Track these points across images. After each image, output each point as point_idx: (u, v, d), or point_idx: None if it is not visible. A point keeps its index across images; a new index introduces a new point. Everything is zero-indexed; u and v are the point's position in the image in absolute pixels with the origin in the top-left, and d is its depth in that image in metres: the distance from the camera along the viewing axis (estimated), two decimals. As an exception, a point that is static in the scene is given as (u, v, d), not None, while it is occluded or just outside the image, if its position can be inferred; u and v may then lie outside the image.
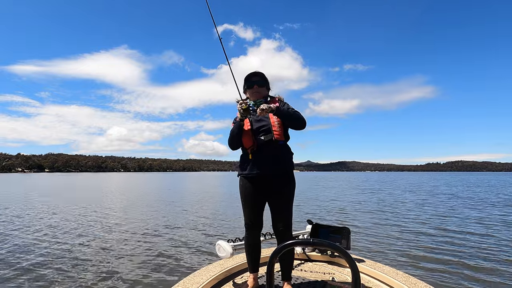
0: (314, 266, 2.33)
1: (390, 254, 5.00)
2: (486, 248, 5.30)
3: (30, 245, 5.60)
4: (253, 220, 1.90)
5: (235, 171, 6.80)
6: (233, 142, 1.90)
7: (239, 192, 1.96)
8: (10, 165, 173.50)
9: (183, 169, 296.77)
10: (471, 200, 14.14)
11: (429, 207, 11.13)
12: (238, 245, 2.22)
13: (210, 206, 11.97)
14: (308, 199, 14.45)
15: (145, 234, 6.73)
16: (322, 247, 1.09)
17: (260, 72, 1.99)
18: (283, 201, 1.85)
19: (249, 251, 1.94)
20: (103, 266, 4.41)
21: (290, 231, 1.89)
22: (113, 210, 10.51)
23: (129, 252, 5.27)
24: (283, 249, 1.08)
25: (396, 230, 6.90)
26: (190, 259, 4.86)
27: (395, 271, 2.09)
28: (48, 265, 4.44)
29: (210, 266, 2.19)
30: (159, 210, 10.71)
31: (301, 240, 1.11)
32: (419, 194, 17.31)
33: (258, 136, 1.85)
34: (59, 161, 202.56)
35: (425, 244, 5.61)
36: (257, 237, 1.94)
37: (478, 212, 9.90)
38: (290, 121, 1.84)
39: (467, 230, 6.84)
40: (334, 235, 2.44)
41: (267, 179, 1.85)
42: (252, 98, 1.96)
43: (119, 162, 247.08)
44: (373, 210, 10.55)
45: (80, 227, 7.42)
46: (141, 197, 16.01)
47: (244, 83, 2.01)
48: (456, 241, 5.86)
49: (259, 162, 1.84)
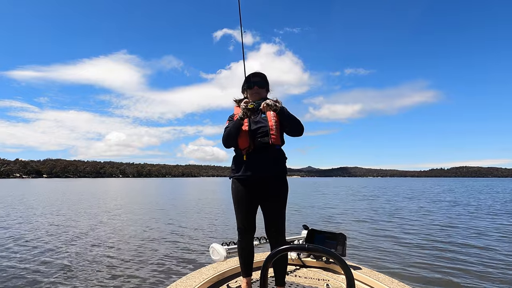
0: (308, 272, 2.33)
1: (386, 262, 4.98)
2: (486, 259, 5.17)
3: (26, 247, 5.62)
4: (245, 224, 1.89)
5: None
6: (228, 140, 1.87)
7: (231, 195, 1.94)
8: (8, 170, 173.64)
9: (182, 174, 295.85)
10: (473, 207, 13.99)
11: (428, 215, 10.99)
12: (232, 248, 2.23)
13: (206, 210, 11.98)
14: (304, 205, 14.40)
15: (137, 237, 6.74)
16: (317, 253, 1.08)
17: (261, 73, 1.96)
18: (278, 205, 1.85)
19: (242, 255, 1.94)
20: (93, 270, 4.42)
21: (283, 236, 1.89)
22: (106, 215, 10.49)
23: (121, 254, 5.28)
24: (277, 254, 1.07)
25: (393, 238, 6.86)
26: (183, 261, 4.87)
27: (390, 279, 2.09)
28: (39, 267, 4.45)
29: (204, 269, 2.19)
30: (154, 214, 10.71)
31: (296, 245, 1.11)
32: (419, 201, 17.13)
33: (255, 138, 1.83)
34: (57, 167, 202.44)
35: (422, 253, 5.55)
36: (250, 241, 1.94)
37: (480, 220, 9.78)
38: (291, 125, 1.83)
39: (466, 240, 6.72)
40: (329, 241, 2.44)
41: (261, 182, 1.84)
42: (251, 98, 1.93)
43: (117, 168, 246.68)
44: (370, 216, 10.50)
45: (71, 232, 7.42)
46: (136, 202, 15.98)
47: (244, 83, 1.98)
48: (455, 250, 5.80)
49: (254, 164, 1.83)
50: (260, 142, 1.83)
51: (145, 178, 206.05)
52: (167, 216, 10.34)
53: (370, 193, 26.20)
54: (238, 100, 2.01)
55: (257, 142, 1.83)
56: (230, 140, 1.87)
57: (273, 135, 1.84)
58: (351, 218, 10.16)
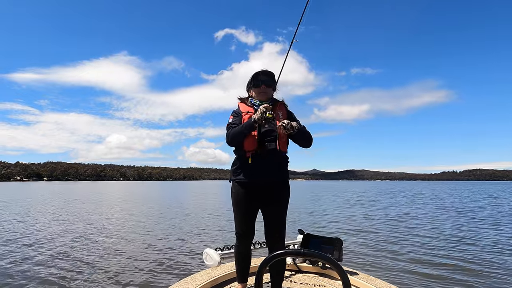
0: (304, 277, 2.33)
1: (383, 267, 4.94)
2: (491, 271, 4.88)
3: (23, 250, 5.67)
4: (245, 229, 1.89)
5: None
6: (234, 139, 1.81)
7: (231, 199, 1.93)
8: (9, 173, 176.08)
9: (183, 177, 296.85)
10: (485, 213, 13.67)
11: (430, 221, 10.68)
12: (226, 253, 2.23)
13: (200, 214, 11.96)
14: (302, 208, 14.32)
15: (129, 242, 6.75)
16: (313, 258, 1.09)
17: (270, 71, 1.92)
18: (281, 210, 1.87)
19: (239, 260, 1.94)
20: (84, 274, 4.43)
21: (283, 241, 1.92)
22: (99, 219, 10.52)
23: (111, 258, 5.30)
24: (272, 259, 1.07)
25: (390, 243, 6.77)
26: (176, 267, 4.86)
27: (388, 285, 2.09)
28: (34, 270, 4.49)
29: (197, 274, 2.19)
30: (147, 218, 10.75)
31: (291, 250, 1.12)
32: (422, 206, 16.77)
33: (263, 142, 1.81)
34: (57, 170, 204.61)
35: (420, 258, 5.46)
36: (248, 247, 1.96)
37: (491, 228, 9.43)
38: (303, 142, 1.87)
39: (469, 250, 6.33)
40: (326, 246, 2.44)
41: (266, 187, 1.84)
42: (258, 98, 1.91)
43: (118, 171, 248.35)
44: (367, 221, 10.39)
45: (64, 235, 7.47)
46: (131, 206, 16.01)
47: (251, 81, 1.94)
48: (457, 256, 5.63)
49: (259, 168, 1.81)
50: (267, 147, 1.82)
51: (145, 181, 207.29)
52: (161, 220, 10.35)
53: (371, 197, 25.90)
54: (242, 98, 2.00)
55: (264, 147, 1.81)
56: (236, 139, 1.81)
57: (281, 142, 1.85)
58: (348, 222, 10.07)
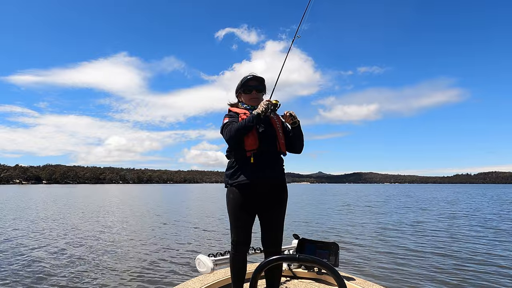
0: (300, 283, 2.34)
1: (380, 272, 4.95)
2: (491, 278, 4.76)
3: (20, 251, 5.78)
4: (243, 237, 1.84)
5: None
6: (237, 136, 1.73)
7: (226, 206, 1.87)
8: (8, 176, 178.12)
9: (184, 180, 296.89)
10: (497, 219, 13.18)
11: (433, 226, 10.35)
12: (219, 260, 2.21)
13: (194, 219, 12.01)
14: (297, 213, 14.32)
15: (121, 247, 6.79)
16: (308, 263, 1.13)
17: (260, 76, 1.92)
18: (281, 215, 1.88)
19: (235, 269, 1.89)
20: (73, 282, 4.48)
21: (280, 247, 1.92)
22: (90, 224, 10.60)
23: (102, 263, 5.34)
24: (267, 264, 1.07)
25: (388, 248, 6.77)
26: (168, 273, 4.88)
27: None
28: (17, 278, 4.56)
29: (189, 281, 2.21)
30: (141, 223, 10.85)
31: (286, 255, 1.13)
32: (427, 210, 16.30)
33: (262, 141, 1.80)
34: (56, 173, 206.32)
35: (418, 263, 5.47)
36: (245, 256, 1.93)
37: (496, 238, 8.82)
38: (298, 143, 1.91)
39: (470, 255, 6.21)
40: (321, 251, 2.44)
41: (269, 189, 1.82)
42: (249, 103, 1.91)
43: (117, 174, 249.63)
44: (364, 225, 10.37)
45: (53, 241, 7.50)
46: (127, 210, 16.15)
47: (240, 86, 1.93)
48: (456, 263, 5.58)
49: (262, 169, 1.78)
50: (267, 147, 1.81)
51: (145, 184, 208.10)
52: (154, 225, 10.40)
53: (372, 200, 25.72)
54: (232, 104, 2.01)
55: (265, 146, 1.80)
56: (241, 134, 1.73)
57: (281, 142, 1.86)
58: (344, 226, 10.07)
